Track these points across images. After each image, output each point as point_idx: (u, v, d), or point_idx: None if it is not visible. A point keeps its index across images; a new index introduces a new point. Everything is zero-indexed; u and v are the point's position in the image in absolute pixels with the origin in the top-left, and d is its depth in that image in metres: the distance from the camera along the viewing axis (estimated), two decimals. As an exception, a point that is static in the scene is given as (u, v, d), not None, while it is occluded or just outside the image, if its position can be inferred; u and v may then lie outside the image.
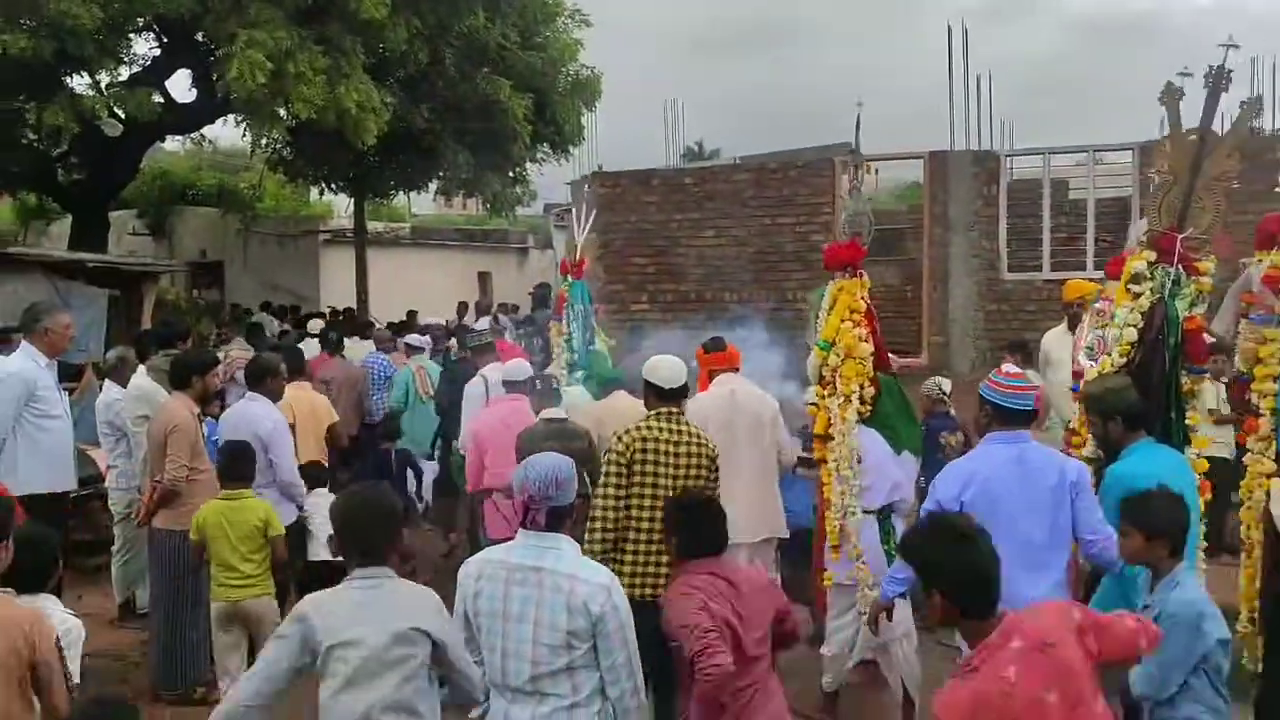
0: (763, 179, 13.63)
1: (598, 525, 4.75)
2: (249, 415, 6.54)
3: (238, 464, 5.77)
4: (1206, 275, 4.95)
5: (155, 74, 14.17)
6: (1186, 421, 4.83)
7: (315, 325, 12.04)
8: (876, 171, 18.68)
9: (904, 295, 17.04)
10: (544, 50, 15.68)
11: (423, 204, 30.29)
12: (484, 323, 12.73)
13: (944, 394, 7.56)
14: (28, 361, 6.22)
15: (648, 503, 4.78)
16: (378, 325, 13.27)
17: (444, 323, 13.44)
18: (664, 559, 4.64)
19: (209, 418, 6.90)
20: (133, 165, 15.94)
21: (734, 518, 4.47)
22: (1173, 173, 5.07)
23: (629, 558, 4.81)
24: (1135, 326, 4.86)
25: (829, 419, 5.35)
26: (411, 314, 15.30)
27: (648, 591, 4.71)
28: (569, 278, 8.43)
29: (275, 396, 6.79)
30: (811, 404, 5.64)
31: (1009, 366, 4.84)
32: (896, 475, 5.39)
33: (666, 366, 5.12)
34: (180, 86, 15.13)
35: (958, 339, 12.65)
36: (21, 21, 10.61)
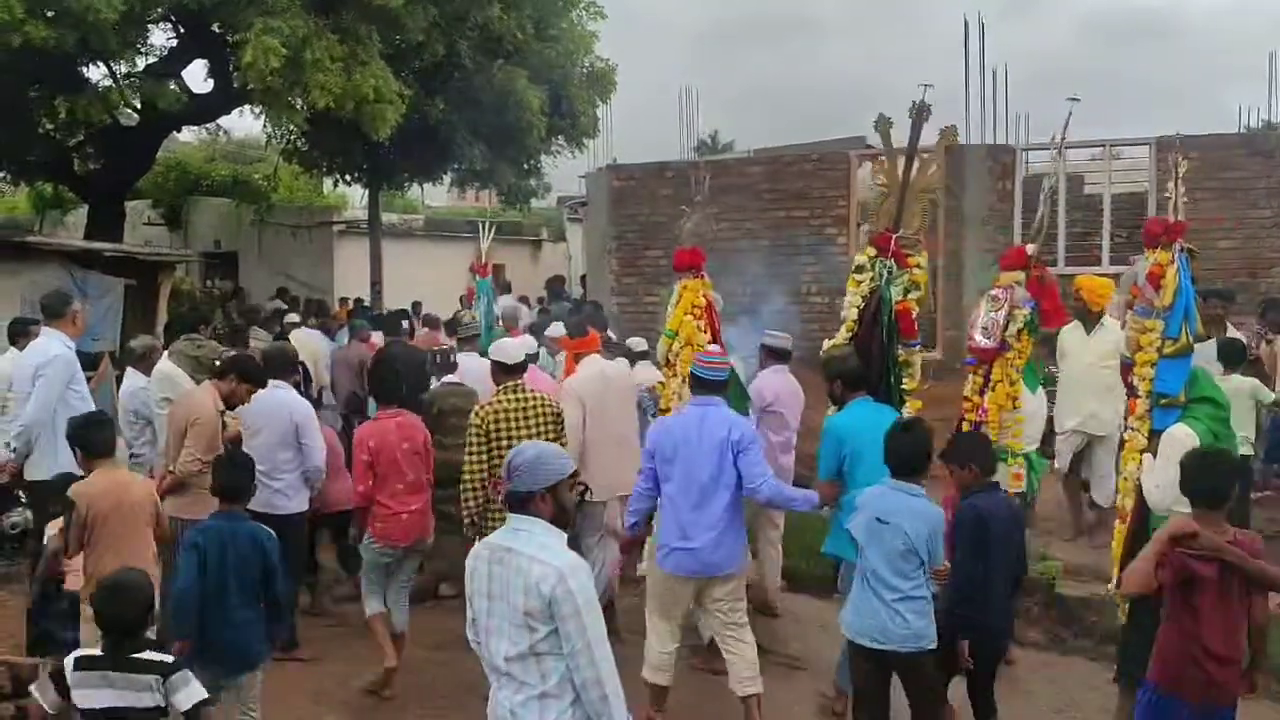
0: (777, 172, 13.62)
1: (469, 485, 5.86)
2: (283, 403, 6.57)
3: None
4: (917, 268, 6.06)
5: (171, 65, 14.23)
6: (905, 384, 5.99)
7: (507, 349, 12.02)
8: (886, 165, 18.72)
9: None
10: (559, 42, 15.68)
11: (436, 196, 30.33)
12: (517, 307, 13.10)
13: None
14: (60, 345, 6.28)
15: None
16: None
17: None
18: None
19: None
20: (148, 156, 15.99)
21: (598, 475, 5.95)
22: (888, 186, 6.23)
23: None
24: (858, 307, 6.04)
25: (671, 395, 6.37)
26: (416, 304, 15.46)
27: None
28: (477, 276, 9.95)
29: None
30: (660, 383, 6.72)
31: (713, 347, 6.00)
32: None
33: (509, 347, 6.42)
34: (196, 77, 15.18)
35: (971, 333, 12.64)
36: (43, 11, 10.60)
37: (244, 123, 60.28)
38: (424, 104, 13.92)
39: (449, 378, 7.91)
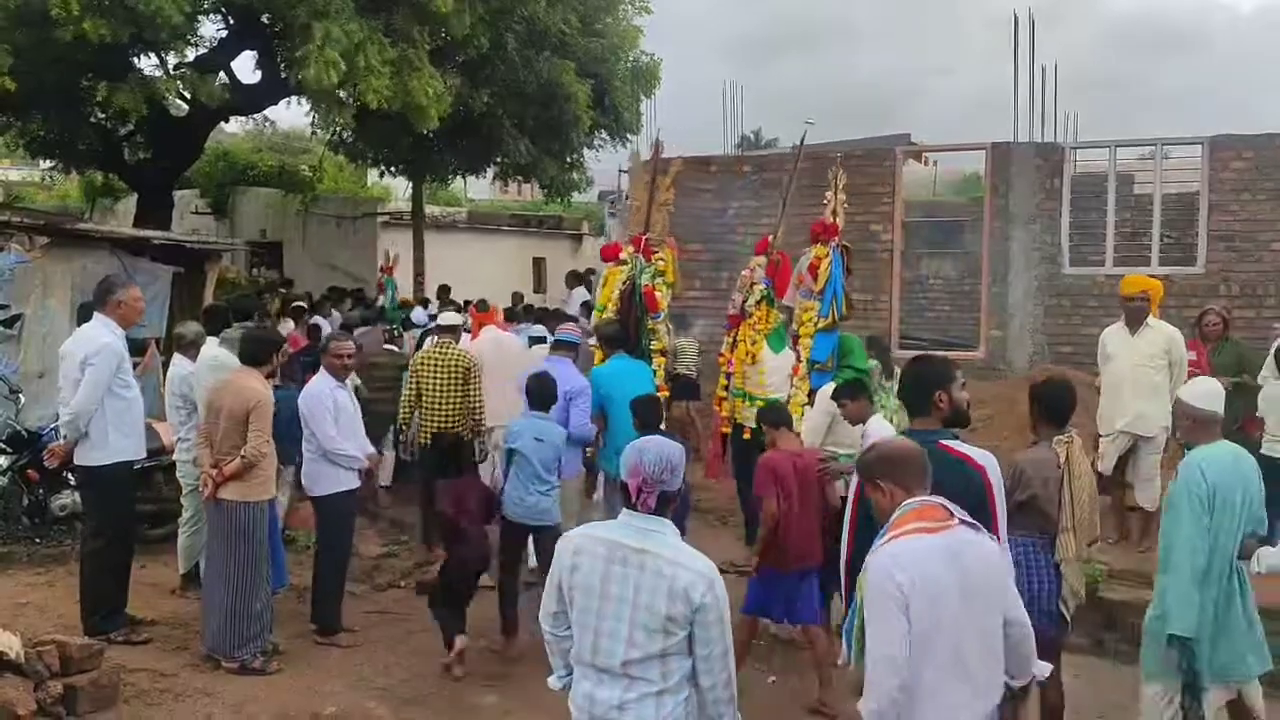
0: (822, 167, 13.51)
1: (403, 402, 8.55)
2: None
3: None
4: (660, 260, 8.20)
5: (221, 55, 14.36)
6: (653, 346, 8.11)
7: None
8: (936, 163, 18.53)
9: (962, 288, 16.84)
10: (604, 37, 15.68)
11: (479, 188, 30.45)
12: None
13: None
14: (109, 334, 6.35)
15: (433, 388, 8.31)
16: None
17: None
18: (440, 414, 8.22)
19: None
20: (197, 146, 16.17)
21: (494, 410, 8.36)
22: (639, 200, 8.61)
23: (424, 417, 8.31)
24: (619, 290, 8.16)
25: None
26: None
27: (438, 427, 8.11)
28: (385, 275, 13.66)
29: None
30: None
31: (567, 323, 8.60)
32: None
33: (448, 316, 9.29)
34: (245, 67, 15.34)
35: (1015, 333, 12.49)
36: (101, 4, 10.67)
37: (290, 114, 60.64)
38: (469, 96, 13.96)
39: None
